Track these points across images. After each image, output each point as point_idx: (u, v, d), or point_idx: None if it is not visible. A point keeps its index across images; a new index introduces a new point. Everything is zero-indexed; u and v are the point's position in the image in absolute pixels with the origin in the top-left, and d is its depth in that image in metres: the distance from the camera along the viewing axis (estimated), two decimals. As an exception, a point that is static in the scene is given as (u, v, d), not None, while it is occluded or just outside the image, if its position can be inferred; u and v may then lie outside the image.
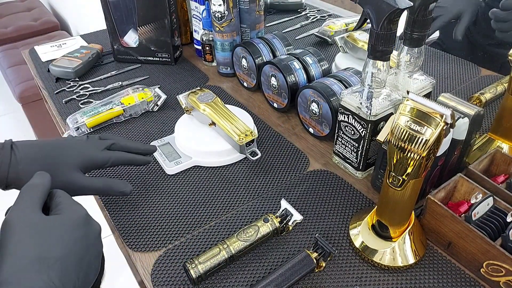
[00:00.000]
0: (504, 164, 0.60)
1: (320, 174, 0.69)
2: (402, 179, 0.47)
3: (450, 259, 0.55)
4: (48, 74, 1.02)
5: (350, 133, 0.64)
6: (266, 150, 0.75)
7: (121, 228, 0.61)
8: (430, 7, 0.58)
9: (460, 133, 0.57)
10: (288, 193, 0.65)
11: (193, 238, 0.59)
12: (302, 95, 0.75)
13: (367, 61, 0.57)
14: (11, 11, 2.82)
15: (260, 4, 0.94)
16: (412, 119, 0.44)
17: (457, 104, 0.59)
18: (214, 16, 0.89)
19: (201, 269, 0.51)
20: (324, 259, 0.53)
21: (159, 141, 0.75)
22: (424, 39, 0.61)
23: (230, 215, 0.62)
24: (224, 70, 0.99)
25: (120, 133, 0.81)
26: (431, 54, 1.04)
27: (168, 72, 1.02)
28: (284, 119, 0.84)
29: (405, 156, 0.45)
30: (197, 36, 1.05)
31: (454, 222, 0.52)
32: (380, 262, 0.53)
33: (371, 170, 0.68)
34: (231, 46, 0.94)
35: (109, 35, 1.03)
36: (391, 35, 0.53)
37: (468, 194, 0.57)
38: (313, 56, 0.82)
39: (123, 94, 0.86)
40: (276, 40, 0.90)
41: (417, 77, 0.66)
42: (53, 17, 2.75)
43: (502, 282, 0.49)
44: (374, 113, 0.58)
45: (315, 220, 0.61)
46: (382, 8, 0.50)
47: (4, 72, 2.28)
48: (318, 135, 0.76)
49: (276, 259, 0.55)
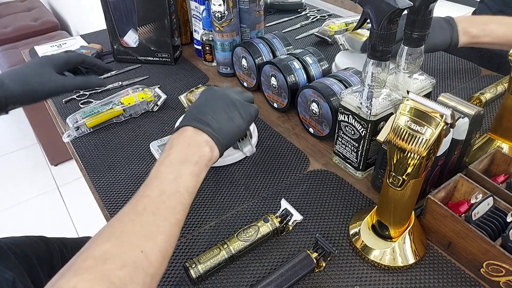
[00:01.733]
0: (504, 164, 0.60)
1: (320, 174, 0.69)
2: (402, 179, 0.47)
3: (450, 259, 0.55)
4: (48, 74, 1.02)
5: (350, 133, 0.64)
6: (266, 150, 0.75)
7: (121, 228, 0.61)
8: (430, 7, 0.58)
9: (460, 133, 0.57)
10: (288, 193, 0.65)
11: (193, 238, 0.59)
12: (302, 95, 0.75)
13: (367, 61, 0.57)
14: (11, 11, 2.81)
15: (260, 4, 0.94)
16: (412, 119, 0.44)
17: (457, 104, 0.59)
18: (214, 16, 0.89)
19: (201, 269, 0.51)
20: (324, 259, 0.53)
21: (159, 141, 0.75)
22: (424, 39, 0.61)
23: (230, 215, 0.62)
24: (224, 70, 0.99)
25: (120, 133, 0.81)
26: (431, 54, 1.04)
27: (168, 72, 1.02)
28: (284, 119, 0.84)
29: (405, 156, 0.45)
30: (197, 36, 1.05)
31: (454, 222, 0.52)
32: (380, 262, 0.53)
33: (371, 170, 0.68)
34: (231, 46, 0.94)
35: (109, 35, 1.03)
36: (391, 35, 0.53)
37: (468, 194, 0.57)
38: (313, 56, 0.82)
39: (123, 94, 0.86)
40: (276, 40, 0.90)
41: (417, 77, 0.66)
42: (53, 17, 2.75)
43: (502, 282, 0.49)
44: (374, 113, 0.58)
45: (315, 220, 0.61)
46: (382, 8, 0.50)
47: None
48: (318, 135, 0.76)
49: (276, 259, 0.55)
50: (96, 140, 0.79)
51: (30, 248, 0.80)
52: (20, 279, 0.64)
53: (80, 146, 0.78)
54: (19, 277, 0.65)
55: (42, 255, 0.82)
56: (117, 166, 0.73)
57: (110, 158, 0.75)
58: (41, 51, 1.14)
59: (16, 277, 0.63)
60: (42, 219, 1.90)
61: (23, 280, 0.66)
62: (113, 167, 0.73)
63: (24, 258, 0.76)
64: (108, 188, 0.68)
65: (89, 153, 0.76)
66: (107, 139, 0.80)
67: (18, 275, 0.65)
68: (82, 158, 0.75)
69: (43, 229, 1.85)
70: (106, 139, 0.80)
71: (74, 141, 0.80)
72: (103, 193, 0.67)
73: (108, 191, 0.68)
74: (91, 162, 0.74)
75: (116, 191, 0.68)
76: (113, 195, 0.67)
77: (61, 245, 0.91)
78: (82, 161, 0.75)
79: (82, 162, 0.75)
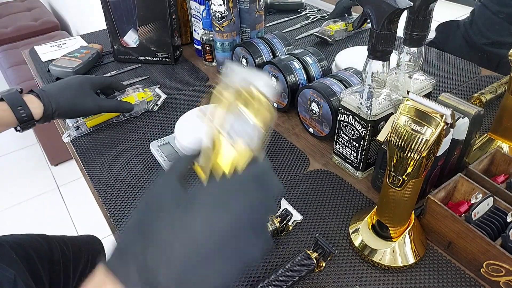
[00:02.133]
0: (504, 164, 0.60)
1: (320, 174, 0.69)
2: (402, 179, 0.47)
3: (450, 259, 0.55)
4: (48, 74, 1.02)
5: (350, 133, 0.64)
6: (266, 150, 0.75)
7: (121, 228, 0.61)
8: (430, 7, 0.58)
9: (460, 133, 0.57)
10: (288, 193, 0.65)
11: (193, 238, 0.59)
12: (302, 95, 0.75)
13: (367, 61, 0.57)
14: (11, 11, 2.81)
15: (260, 4, 0.94)
16: (412, 119, 0.44)
17: (457, 104, 0.59)
18: (214, 16, 0.89)
19: (201, 269, 0.51)
20: (324, 259, 0.53)
21: (159, 141, 0.75)
22: (424, 39, 0.61)
23: (230, 215, 0.62)
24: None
25: (120, 133, 0.81)
26: (431, 54, 1.04)
27: (168, 72, 1.02)
28: (284, 119, 0.84)
29: (405, 156, 0.45)
30: (197, 36, 1.05)
31: (454, 222, 0.52)
32: (380, 262, 0.53)
33: (371, 170, 0.68)
34: (231, 46, 0.94)
35: (109, 35, 1.02)
36: (391, 35, 0.53)
37: (468, 194, 0.57)
38: (313, 56, 0.82)
39: (123, 94, 0.86)
40: (276, 40, 0.90)
41: (417, 77, 0.65)
42: (53, 17, 2.75)
43: (502, 282, 0.49)
44: (374, 113, 0.58)
45: (315, 220, 0.61)
46: (382, 8, 0.50)
47: (4, 72, 2.28)
48: (318, 135, 0.76)
49: (276, 259, 0.55)
50: (96, 140, 0.79)
51: (31, 246, 0.80)
52: (21, 277, 0.64)
53: (80, 146, 0.78)
54: (20, 275, 0.65)
55: (43, 253, 0.82)
56: (117, 166, 0.73)
57: (110, 158, 0.75)
58: (41, 51, 1.14)
59: (17, 275, 0.63)
60: (42, 219, 1.90)
61: (24, 278, 0.66)
62: (113, 167, 0.73)
63: (25, 256, 0.76)
64: (108, 188, 0.68)
65: (89, 153, 0.76)
66: (107, 139, 0.80)
67: (19, 273, 0.65)
68: (82, 158, 0.75)
69: (43, 229, 1.85)
70: (106, 139, 0.80)
71: (74, 141, 0.80)
72: (103, 193, 0.67)
73: (108, 191, 0.68)
74: (91, 162, 0.74)
75: (116, 191, 0.68)
76: (113, 195, 0.67)
77: (62, 243, 0.90)
78: (82, 161, 0.75)
79: (82, 162, 0.75)
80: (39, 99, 0.70)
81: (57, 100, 0.71)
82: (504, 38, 1.00)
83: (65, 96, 0.72)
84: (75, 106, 0.73)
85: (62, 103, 0.71)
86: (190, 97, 0.92)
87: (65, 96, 0.72)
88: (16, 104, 0.67)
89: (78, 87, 0.74)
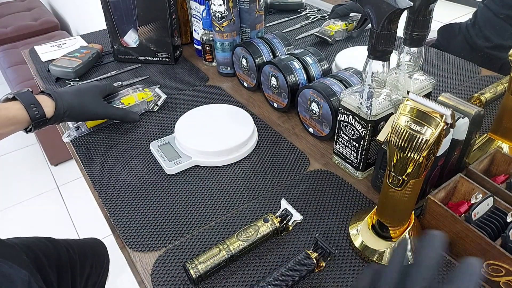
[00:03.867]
0: (504, 164, 0.60)
1: (320, 174, 0.69)
2: (402, 179, 0.47)
3: (450, 259, 0.55)
4: (48, 74, 1.02)
5: (350, 133, 0.64)
6: (266, 150, 0.75)
7: (121, 228, 0.61)
8: (430, 7, 0.58)
9: (460, 133, 0.57)
10: (288, 193, 0.65)
11: (193, 238, 0.59)
12: (302, 95, 0.75)
13: (367, 61, 0.57)
14: (11, 11, 2.81)
15: (260, 4, 0.94)
16: (412, 119, 0.44)
17: (457, 104, 0.59)
18: (214, 16, 0.89)
19: (201, 269, 0.51)
20: (324, 259, 0.53)
21: (159, 141, 0.75)
22: (424, 39, 0.61)
23: (230, 215, 0.62)
24: (224, 70, 0.99)
25: (120, 132, 0.81)
26: (431, 54, 1.04)
27: (168, 72, 1.02)
28: (284, 119, 0.84)
29: (405, 156, 0.45)
30: (197, 36, 1.05)
31: (454, 222, 0.52)
32: (380, 262, 0.53)
33: (371, 170, 0.68)
34: (231, 46, 0.94)
35: (109, 35, 1.03)
36: (391, 35, 0.53)
37: (468, 194, 0.57)
38: (313, 56, 0.82)
39: (123, 94, 0.86)
40: (276, 40, 0.90)
41: (417, 77, 0.66)
42: (53, 17, 2.75)
43: (502, 282, 0.49)
44: (374, 113, 0.58)
45: (315, 220, 0.61)
46: (382, 8, 0.50)
47: (4, 72, 2.28)
48: (318, 135, 0.76)
49: (276, 259, 0.55)
50: (96, 140, 0.79)
51: (39, 249, 0.80)
52: (34, 278, 0.64)
53: (80, 146, 0.78)
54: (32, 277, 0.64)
55: (51, 256, 0.82)
56: (117, 166, 0.73)
57: (110, 158, 0.75)
58: (41, 51, 1.14)
59: (31, 277, 0.62)
60: (42, 219, 1.90)
61: (37, 280, 0.66)
62: (113, 167, 0.73)
63: (35, 258, 0.76)
64: (108, 188, 0.68)
65: (89, 153, 0.76)
66: (107, 139, 0.80)
67: (31, 275, 0.64)
68: (82, 158, 0.75)
69: (43, 229, 1.86)
70: (106, 139, 0.80)
71: (74, 141, 0.80)
72: (103, 193, 0.67)
73: (108, 191, 0.68)
74: (91, 162, 0.74)
75: (116, 191, 0.68)
76: (113, 195, 0.67)
77: (68, 247, 0.90)
78: (82, 161, 0.75)
79: (82, 162, 0.75)
80: (51, 99, 0.71)
81: (69, 101, 0.72)
82: (506, 41, 1.00)
83: (77, 98, 0.74)
84: (85, 110, 0.75)
85: (74, 105, 0.73)
86: (190, 97, 0.92)
87: (77, 99, 0.74)
88: (29, 102, 0.68)
89: (90, 92, 0.77)
